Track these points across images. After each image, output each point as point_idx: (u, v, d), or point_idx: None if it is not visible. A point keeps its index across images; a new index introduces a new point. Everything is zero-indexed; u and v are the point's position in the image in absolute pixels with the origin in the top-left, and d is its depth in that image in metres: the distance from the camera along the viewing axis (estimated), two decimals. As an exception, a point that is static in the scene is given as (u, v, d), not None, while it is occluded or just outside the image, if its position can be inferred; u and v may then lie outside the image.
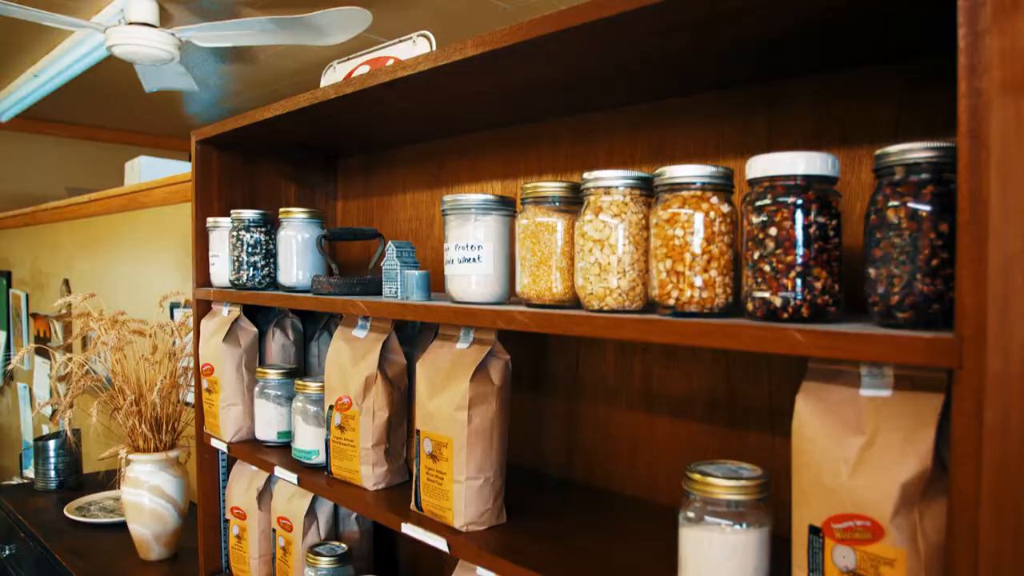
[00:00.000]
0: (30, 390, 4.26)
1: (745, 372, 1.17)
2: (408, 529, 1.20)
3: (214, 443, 1.73)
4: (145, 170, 3.45)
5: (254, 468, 1.77)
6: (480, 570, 1.23)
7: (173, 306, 2.66)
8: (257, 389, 1.64)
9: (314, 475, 1.45)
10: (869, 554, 0.74)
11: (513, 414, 1.51)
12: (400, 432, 1.40)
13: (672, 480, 1.26)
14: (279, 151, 1.88)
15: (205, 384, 1.73)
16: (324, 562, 1.52)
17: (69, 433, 2.38)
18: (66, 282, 3.69)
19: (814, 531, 0.78)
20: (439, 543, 1.16)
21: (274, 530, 1.68)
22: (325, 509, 1.65)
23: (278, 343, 1.75)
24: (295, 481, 1.46)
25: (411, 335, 1.48)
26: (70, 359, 2.21)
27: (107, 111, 5.28)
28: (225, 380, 1.68)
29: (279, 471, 1.51)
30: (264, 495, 1.72)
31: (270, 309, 1.79)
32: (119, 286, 3.24)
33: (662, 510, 1.24)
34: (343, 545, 1.59)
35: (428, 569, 1.72)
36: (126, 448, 2.12)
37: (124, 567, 2.09)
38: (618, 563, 1.04)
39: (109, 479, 2.76)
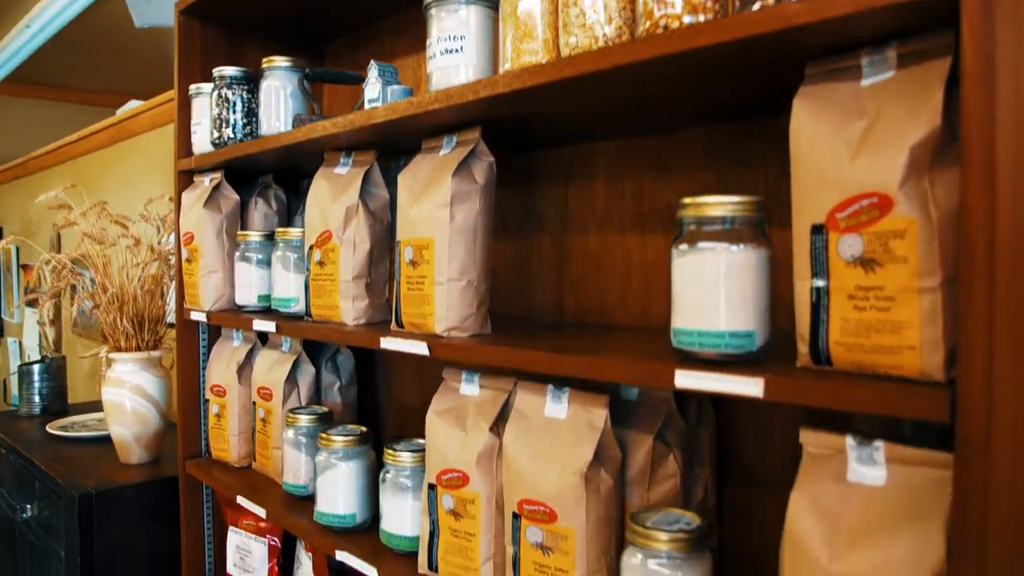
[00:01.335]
0: (20, 344, 4.21)
1: (737, 176, 1.11)
2: (387, 343, 1.15)
3: (194, 316, 1.67)
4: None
5: (235, 343, 1.72)
6: (463, 385, 1.17)
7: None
8: (238, 253, 1.59)
9: (293, 321, 1.39)
10: (877, 233, 0.68)
11: (499, 263, 1.45)
12: (382, 267, 1.34)
13: (664, 302, 1.20)
14: (265, 29, 1.83)
15: (185, 254, 1.68)
16: (304, 419, 1.46)
17: (49, 343, 2.32)
18: (57, 230, 3.64)
19: (816, 230, 0.73)
20: (419, 348, 1.10)
21: (254, 403, 1.62)
22: (306, 378, 1.59)
23: (260, 213, 1.70)
24: (273, 328, 1.40)
25: (395, 176, 1.42)
26: (57, 295, 2.15)
27: (96, 72, 5.24)
28: (205, 246, 1.62)
29: (257, 323, 1.45)
30: (244, 369, 1.67)
31: (253, 181, 1.74)
32: (108, 222, 3.19)
33: (655, 331, 1.18)
34: (324, 408, 1.53)
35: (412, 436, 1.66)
36: (107, 347, 2.07)
37: (104, 469, 2.02)
38: (612, 350, 0.99)
39: (94, 409, 2.70)
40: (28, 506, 2.12)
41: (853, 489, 0.74)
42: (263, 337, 1.69)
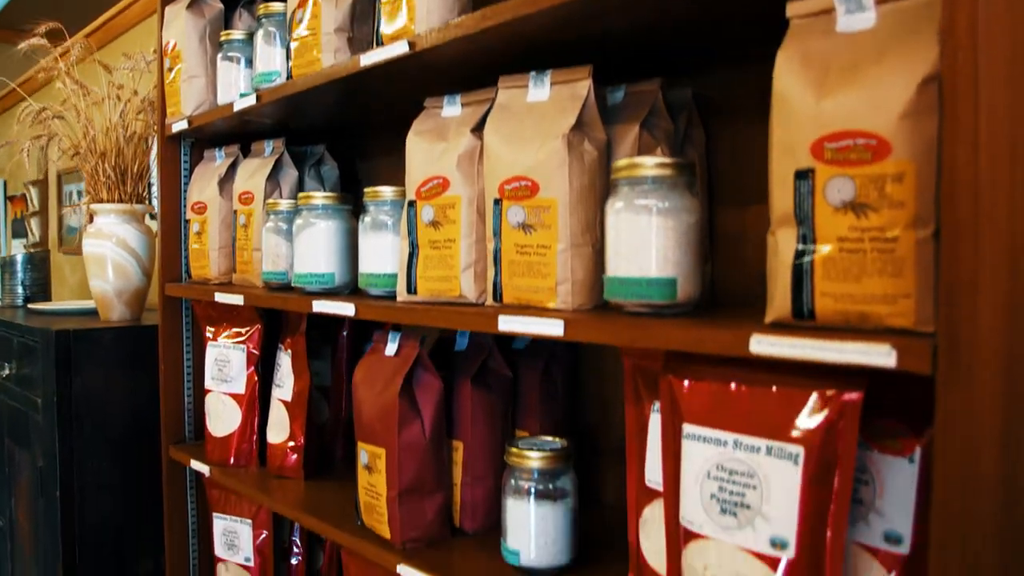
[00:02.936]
0: (7, 281, 4.16)
1: None
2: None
3: (175, 127, 1.64)
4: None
5: (218, 161, 1.68)
6: (446, 108, 1.14)
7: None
8: (220, 54, 1.56)
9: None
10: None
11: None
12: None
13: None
14: None
15: (167, 63, 1.65)
16: (284, 204, 1.42)
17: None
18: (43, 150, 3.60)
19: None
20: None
21: (235, 211, 1.58)
22: (288, 181, 1.56)
23: (245, 23, 1.67)
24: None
25: None
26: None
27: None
28: (188, 52, 1.59)
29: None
30: (226, 183, 1.63)
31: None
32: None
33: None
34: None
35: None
36: (88, 198, 2.03)
37: (85, 324, 1.98)
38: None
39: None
40: (5, 364, 2.07)
41: (842, 37, 0.71)
42: (245, 149, 1.65)
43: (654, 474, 0.89)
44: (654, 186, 0.84)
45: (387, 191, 1.19)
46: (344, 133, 1.71)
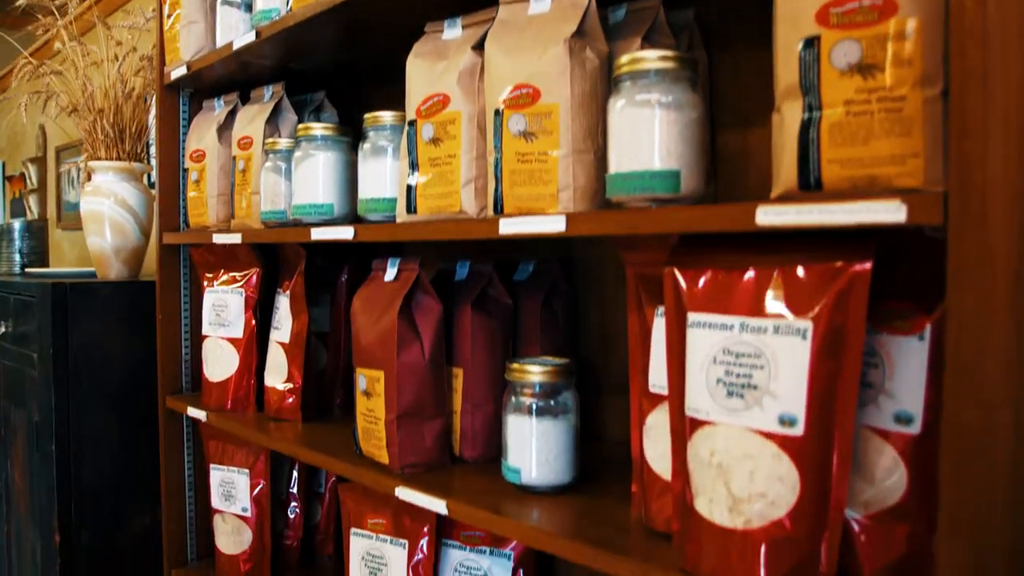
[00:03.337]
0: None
1: None
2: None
3: (174, 74, 1.63)
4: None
5: (216, 111, 1.67)
6: (446, 31, 1.13)
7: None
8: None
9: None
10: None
11: None
12: None
13: None
14: None
15: (166, 10, 1.64)
16: (283, 143, 1.41)
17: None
18: (42, 127, 3.60)
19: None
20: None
21: (234, 157, 1.57)
22: (288, 125, 1.54)
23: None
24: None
25: None
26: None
27: None
28: (186, -5, 1.58)
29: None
30: (225, 130, 1.62)
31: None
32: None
33: None
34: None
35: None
36: (85, 156, 2.02)
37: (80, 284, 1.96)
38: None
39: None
40: (1, 322, 2.06)
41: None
42: (244, 98, 1.64)
43: (658, 378, 0.88)
44: (656, 79, 0.82)
45: (387, 115, 1.18)
46: (344, 80, 1.70)
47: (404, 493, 1.05)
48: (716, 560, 0.72)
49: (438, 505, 1.00)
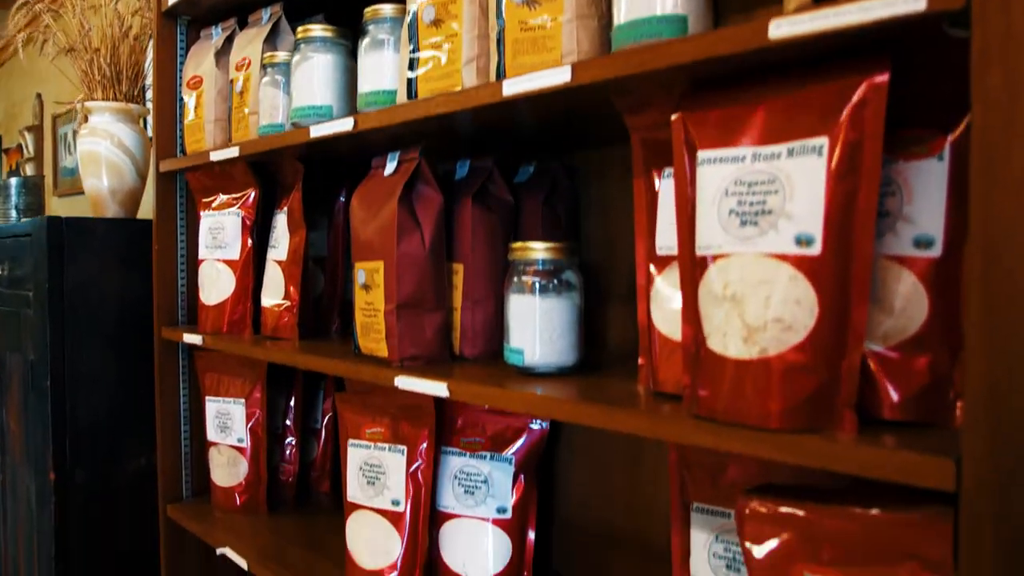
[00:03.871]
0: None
1: None
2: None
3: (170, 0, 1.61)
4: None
5: (214, 39, 1.64)
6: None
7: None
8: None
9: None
10: None
11: None
12: None
13: None
14: None
15: (162, -67, 1.61)
16: (281, 56, 1.38)
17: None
18: (39, 96, 3.58)
19: None
20: None
21: (231, 81, 1.54)
22: (286, 44, 1.52)
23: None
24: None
25: None
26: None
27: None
28: (183, -82, 1.56)
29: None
30: (222, 55, 1.59)
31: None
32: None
33: None
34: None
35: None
36: (82, 96, 1.99)
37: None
38: None
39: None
40: (-4, 265, 2.03)
41: None
42: (242, 23, 1.62)
43: (666, 239, 0.85)
44: (665, -77, 0.80)
45: (387, 8, 1.15)
46: (342, 9, 1.68)
47: (403, 381, 1.02)
48: (730, 397, 0.69)
49: (439, 388, 0.97)
